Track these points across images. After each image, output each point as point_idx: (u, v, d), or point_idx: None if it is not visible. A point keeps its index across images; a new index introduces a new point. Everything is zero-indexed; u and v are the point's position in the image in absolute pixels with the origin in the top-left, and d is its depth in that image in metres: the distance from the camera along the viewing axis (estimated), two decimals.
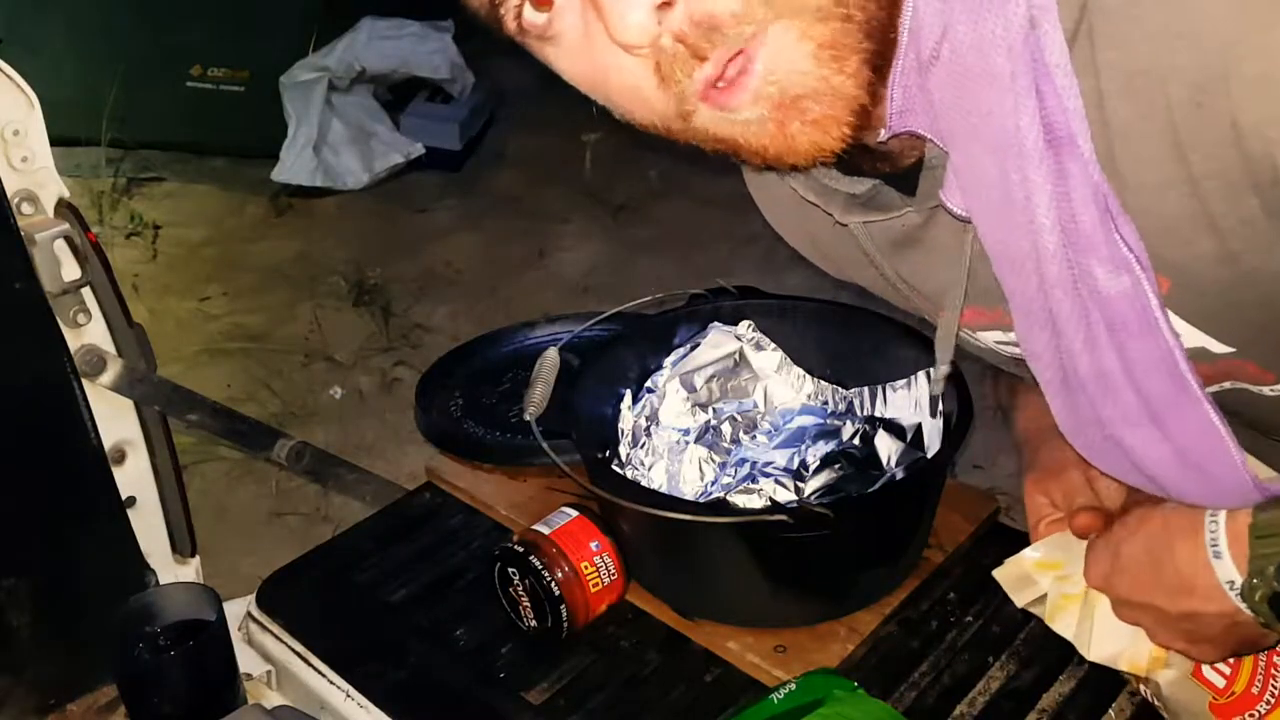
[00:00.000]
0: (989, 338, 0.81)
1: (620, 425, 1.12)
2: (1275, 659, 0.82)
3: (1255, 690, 0.82)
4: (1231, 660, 0.82)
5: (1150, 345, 0.64)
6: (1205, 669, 0.83)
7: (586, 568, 0.98)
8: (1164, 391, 0.66)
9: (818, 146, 0.64)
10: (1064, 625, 0.86)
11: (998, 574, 0.89)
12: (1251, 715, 0.82)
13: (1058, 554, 0.86)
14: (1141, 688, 0.89)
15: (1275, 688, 0.82)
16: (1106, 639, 0.84)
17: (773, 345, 1.18)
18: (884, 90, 0.65)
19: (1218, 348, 0.68)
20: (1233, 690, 0.82)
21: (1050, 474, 0.90)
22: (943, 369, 0.80)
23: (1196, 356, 0.67)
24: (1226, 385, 0.74)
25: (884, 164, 0.74)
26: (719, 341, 1.17)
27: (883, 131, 0.68)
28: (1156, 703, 0.88)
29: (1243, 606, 0.70)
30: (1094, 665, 0.94)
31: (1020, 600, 0.89)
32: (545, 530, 1.00)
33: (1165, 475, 0.70)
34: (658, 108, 0.66)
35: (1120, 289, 0.62)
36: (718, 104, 0.63)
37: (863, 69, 0.62)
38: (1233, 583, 0.70)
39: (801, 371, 1.18)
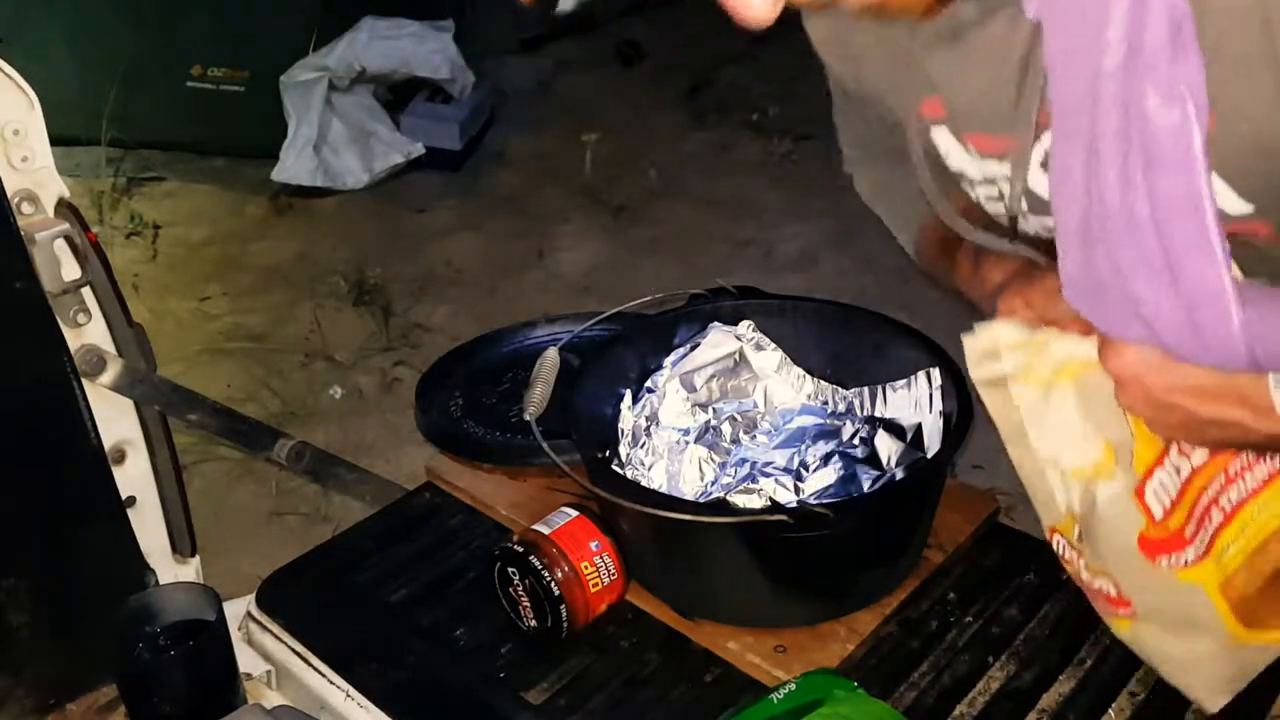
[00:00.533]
0: (979, 168, 0.81)
1: (620, 425, 1.12)
2: (1213, 508, 0.77)
3: (1188, 534, 0.77)
4: (1176, 492, 0.78)
5: (1183, 185, 0.64)
6: (1149, 493, 0.78)
7: (586, 568, 0.98)
8: (1185, 239, 0.65)
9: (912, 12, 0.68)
10: (1023, 398, 0.81)
11: (967, 339, 0.82)
12: (1175, 559, 0.77)
13: (1034, 338, 0.80)
14: (1056, 540, 0.84)
15: (1205, 535, 0.77)
16: (1056, 435, 0.80)
17: (773, 345, 1.18)
18: None
19: (1236, 206, 0.69)
20: (1168, 525, 0.77)
21: (1029, 281, 0.84)
22: (1020, 184, 0.77)
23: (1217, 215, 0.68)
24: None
25: None
26: (719, 341, 1.17)
27: None
28: (1072, 554, 0.83)
29: None
30: (1095, 665, 0.94)
31: (977, 374, 0.82)
32: (545, 530, 1.00)
33: (1168, 332, 0.70)
34: None
35: (1169, 122, 0.62)
36: None
37: None
38: None
39: (801, 371, 1.18)
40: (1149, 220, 0.65)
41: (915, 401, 1.09)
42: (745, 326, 1.18)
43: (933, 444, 1.05)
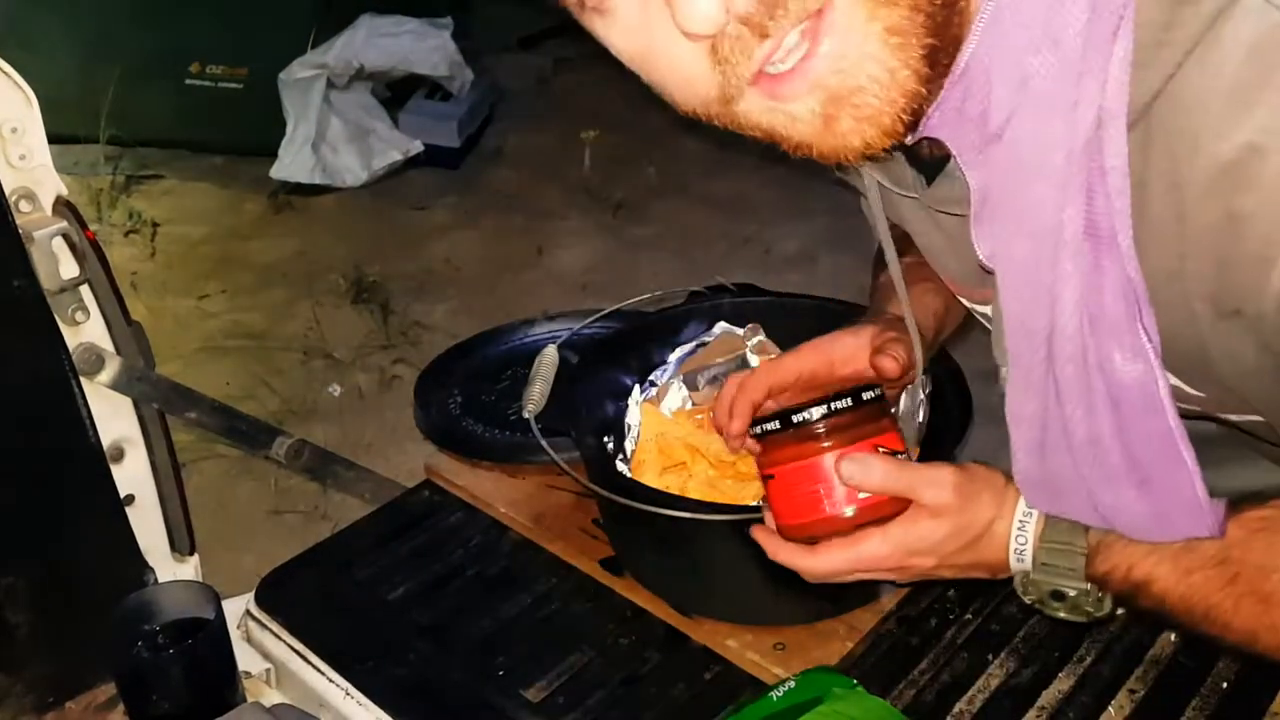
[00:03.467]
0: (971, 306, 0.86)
1: (624, 421, 1.12)
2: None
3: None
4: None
5: (1153, 424, 0.68)
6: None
7: None
8: (1157, 462, 0.70)
9: (867, 144, 0.64)
10: None
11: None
12: None
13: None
14: None
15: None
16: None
17: (776, 350, 1.18)
18: (935, 91, 0.65)
19: (1192, 391, 0.74)
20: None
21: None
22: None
23: (1175, 392, 0.72)
24: (1196, 409, 0.78)
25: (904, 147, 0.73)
26: (724, 344, 1.17)
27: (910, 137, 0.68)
28: None
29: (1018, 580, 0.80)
30: (1094, 662, 0.94)
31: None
32: None
33: (1132, 524, 0.74)
34: (702, 91, 0.65)
35: (1134, 374, 0.66)
36: (771, 93, 0.63)
37: (923, 65, 0.62)
38: (1025, 573, 0.79)
39: None
40: (1115, 444, 0.69)
41: (915, 400, 1.08)
42: (750, 329, 1.17)
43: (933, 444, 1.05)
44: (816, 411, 0.80)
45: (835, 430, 0.80)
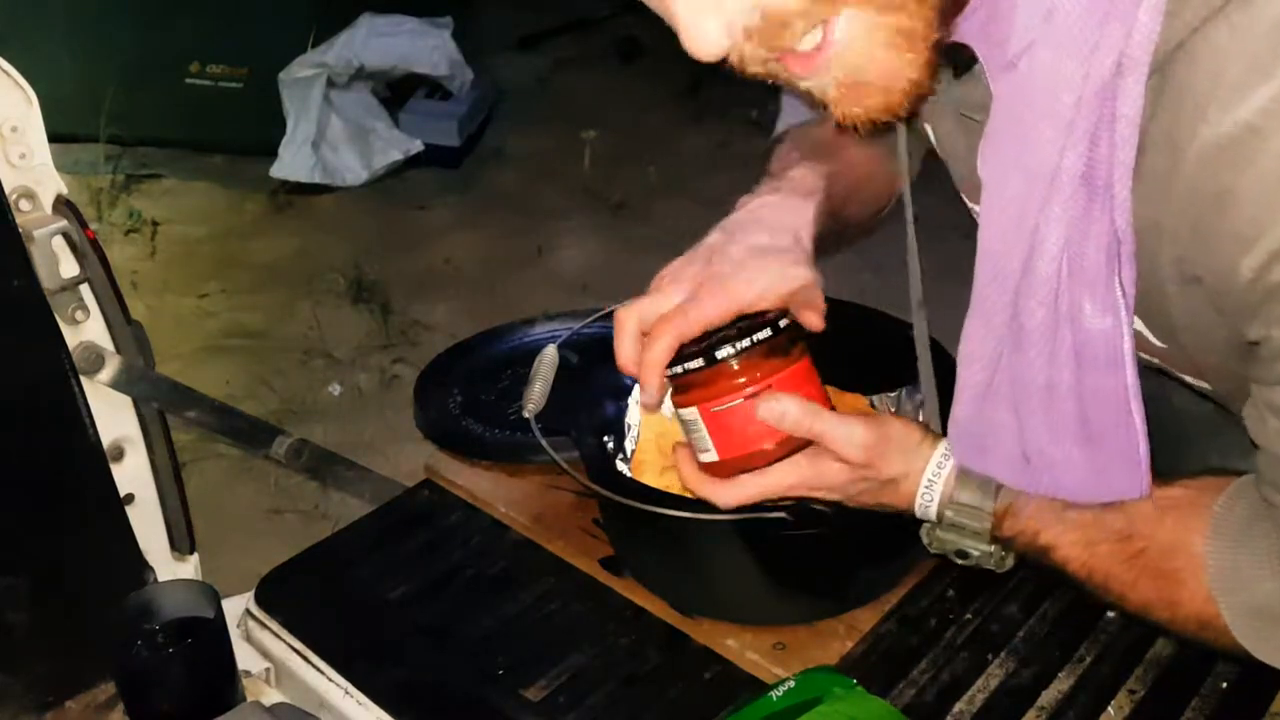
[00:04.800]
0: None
1: (625, 420, 1.12)
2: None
3: None
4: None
5: (1112, 381, 0.68)
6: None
7: None
8: (1108, 420, 0.70)
9: (872, 119, 0.68)
10: None
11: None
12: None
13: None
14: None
15: None
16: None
17: None
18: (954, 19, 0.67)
19: (1155, 341, 0.74)
20: None
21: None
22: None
23: (1137, 338, 0.73)
24: (1156, 362, 0.79)
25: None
26: None
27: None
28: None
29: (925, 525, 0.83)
30: (1094, 663, 0.94)
31: None
32: None
33: (1063, 480, 0.74)
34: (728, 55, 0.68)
35: (1101, 327, 0.66)
36: (790, 70, 0.67)
37: (932, 53, 0.64)
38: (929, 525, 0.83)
39: None
40: (1070, 395, 0.69)
41: (915, 399, 1.08)
42: None
43: None
44: (779, 336, 0.82)
45: (779, 350, 0.82)
